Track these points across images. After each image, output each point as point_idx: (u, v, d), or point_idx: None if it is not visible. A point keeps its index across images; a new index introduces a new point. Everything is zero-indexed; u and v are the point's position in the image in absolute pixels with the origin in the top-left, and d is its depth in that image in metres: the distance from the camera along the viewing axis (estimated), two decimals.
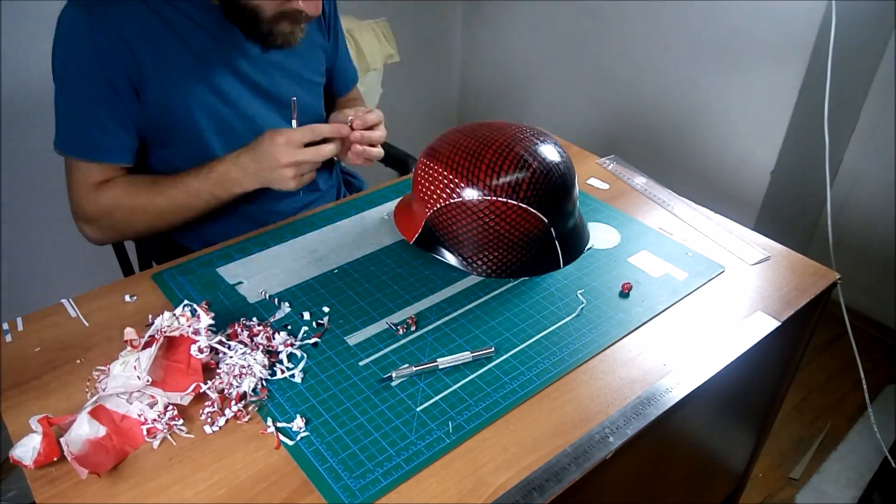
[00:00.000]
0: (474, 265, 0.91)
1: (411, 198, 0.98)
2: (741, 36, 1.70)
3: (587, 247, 1.00)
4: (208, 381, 0.74)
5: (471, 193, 0.88)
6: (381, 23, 1.84)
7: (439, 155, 0.91)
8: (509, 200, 0.88)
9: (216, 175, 0.99)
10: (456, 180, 0.89)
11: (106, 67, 0.94)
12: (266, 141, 0.96)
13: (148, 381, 0.72)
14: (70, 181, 1.02)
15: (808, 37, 1.57)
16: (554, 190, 0.90)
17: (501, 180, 0.87)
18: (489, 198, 0.88)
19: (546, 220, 0.90)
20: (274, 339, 0.82)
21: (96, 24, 0.92)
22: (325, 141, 1.00)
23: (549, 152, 0.91)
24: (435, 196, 0.91)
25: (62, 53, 0.94)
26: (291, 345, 0.82)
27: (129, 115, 0.99)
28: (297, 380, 0.78)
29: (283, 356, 0.80)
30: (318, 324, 0.86)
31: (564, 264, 0.94)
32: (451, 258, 0.92)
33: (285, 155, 0.95)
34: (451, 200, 0.89)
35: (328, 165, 1.31)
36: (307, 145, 0.97)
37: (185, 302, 0.79)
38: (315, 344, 0.83)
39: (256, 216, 1.11)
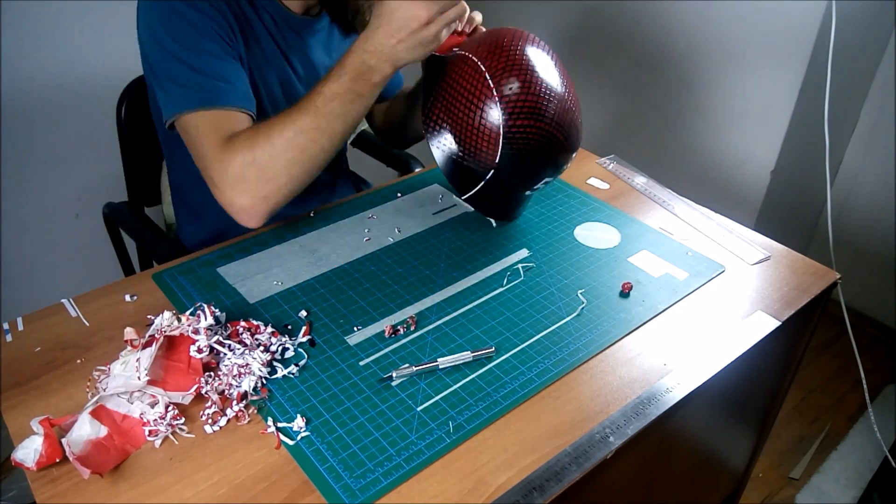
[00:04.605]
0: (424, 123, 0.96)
1: None
2: (741, 36, 1.70)
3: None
4: (208, 383, 0.75)
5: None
6: None
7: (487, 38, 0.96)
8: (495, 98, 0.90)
9: (350, 70, 0.89)
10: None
11: (217, 26, 0.94)
12: (396, 8, 0.85)
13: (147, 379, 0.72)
14: (201, 148, 0.91)
15: (808, 37, 1.57)
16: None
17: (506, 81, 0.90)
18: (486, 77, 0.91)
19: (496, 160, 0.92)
20: (273, 339, 0.82)
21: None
22: None
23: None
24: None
25: (173, 15, 0.92)
26: (291, 343, 0.82)
27: (242, 70, 0.97)
28: (294, 370, 0.78)
29: (283, 352, 0.80)
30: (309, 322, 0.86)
31: (463, 194, 0.98)
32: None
33: (425, 8, 0.84)
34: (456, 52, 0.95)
35: (344, 168, 1.32)
36: None
37: (199, 304, 0.79)
38: (311, 341, 0.83)
39: None
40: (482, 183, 0.95)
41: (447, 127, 0.94)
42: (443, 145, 0.95)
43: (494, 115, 0.90)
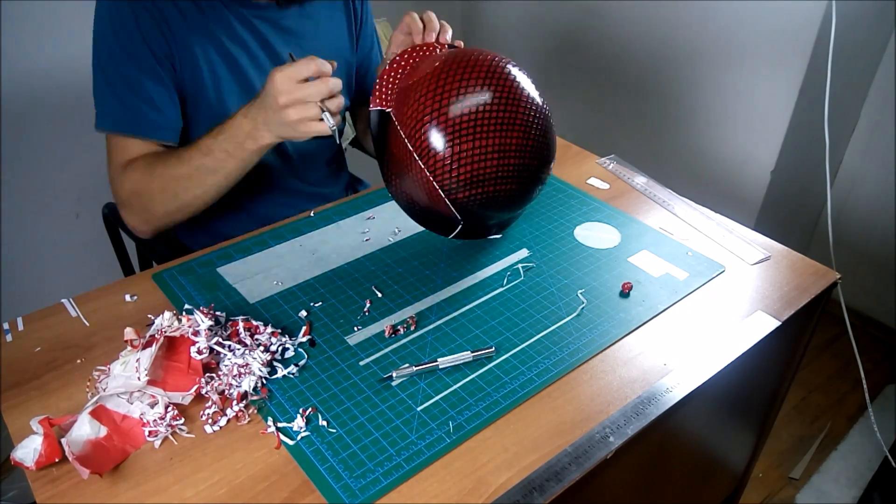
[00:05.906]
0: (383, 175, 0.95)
1: None
2: (741, 36, 1.70)
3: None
4: (208, 383, 0.75)
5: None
6: (381, 23, 1.84)
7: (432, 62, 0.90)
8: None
9: (227, 129, 0.91)
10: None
11: (150, 44, 0.95)
12: (267, 81, 0.86)
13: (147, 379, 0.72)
14: (109, 165, 1.00)
15: (808, 37, 1.57)
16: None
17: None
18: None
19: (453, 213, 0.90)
20: (273, 339, 0.82)
21: (137, 3, 0.94)
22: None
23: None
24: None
25: (107, 32, 0.95)
26: (291, 343, 0.82)
27: (173, 93, 1.00)
28: (294, 370, 0.78)
29: (283, 352, 0.80)
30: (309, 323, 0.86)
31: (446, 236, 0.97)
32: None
33: (283, 93, 0.83)
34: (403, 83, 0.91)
35: (338, 166, 1.31)
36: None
37: (187, 306, 0.79)
38: (311, 341, 0.83)
39: (259, 215, 1.11)
40: (458, 229, 0.94)
41: (398, 185, 0.93)
42: (401, 200, 0.95)
43: (430, 185, 0.87)
